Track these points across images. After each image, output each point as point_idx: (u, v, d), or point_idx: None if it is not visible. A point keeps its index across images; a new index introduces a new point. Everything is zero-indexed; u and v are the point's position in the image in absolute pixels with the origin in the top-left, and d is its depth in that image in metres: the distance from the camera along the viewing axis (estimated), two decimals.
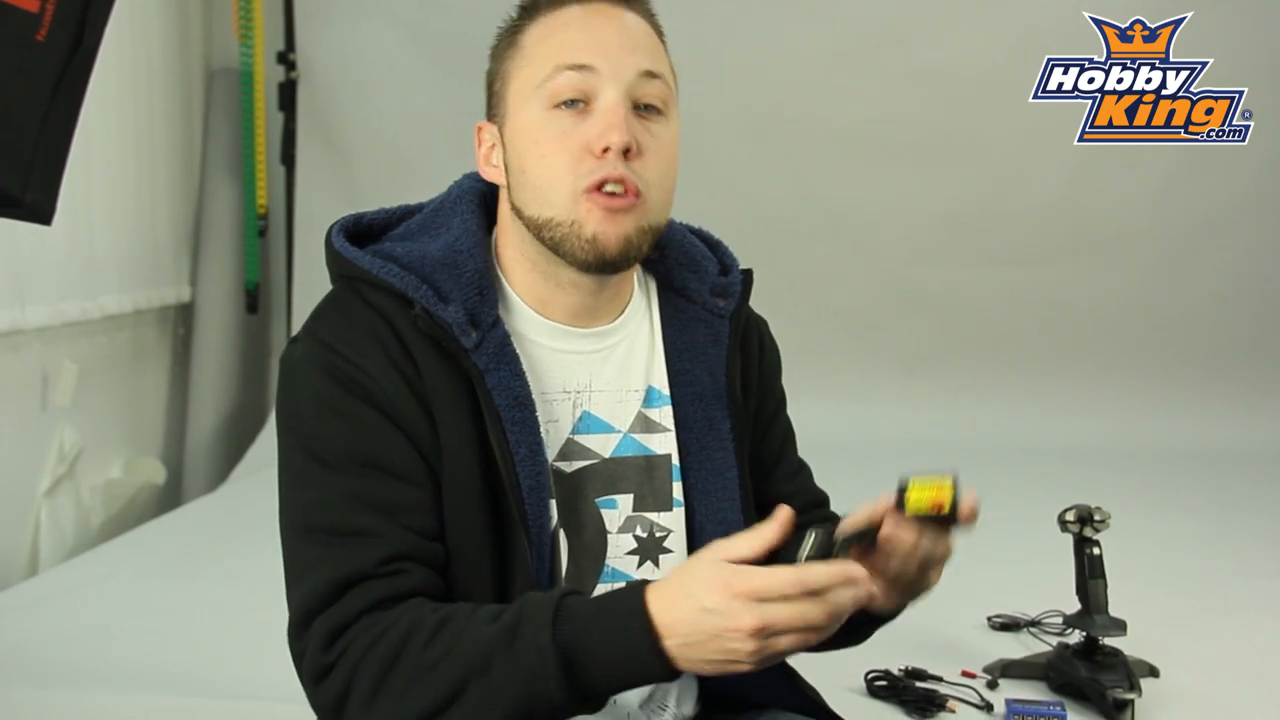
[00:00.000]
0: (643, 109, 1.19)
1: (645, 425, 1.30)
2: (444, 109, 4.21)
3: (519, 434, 1.18)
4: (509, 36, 1.23)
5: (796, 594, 0.99)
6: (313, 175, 4.42)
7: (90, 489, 3.46)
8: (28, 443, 3.20)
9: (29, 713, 2.02)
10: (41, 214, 1.65)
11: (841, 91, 4.41)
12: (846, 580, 1.01)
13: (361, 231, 1.29)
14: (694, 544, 1.29)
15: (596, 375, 1.28)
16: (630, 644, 1.01)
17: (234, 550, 2.97)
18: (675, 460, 1.31)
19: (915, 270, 4.56)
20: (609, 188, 1.16)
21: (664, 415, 1.31)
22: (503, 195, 1.25)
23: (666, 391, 1.31)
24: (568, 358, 1.26)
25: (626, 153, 1.16)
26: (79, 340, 3.46)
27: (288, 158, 4.44)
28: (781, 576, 1.00)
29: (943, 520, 1.08)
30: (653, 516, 1.29)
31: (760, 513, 1.36)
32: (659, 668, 1.02)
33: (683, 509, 1.30)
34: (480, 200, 1.30)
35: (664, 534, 1.29)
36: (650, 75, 1.19)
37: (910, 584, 1.14)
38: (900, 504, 1.09)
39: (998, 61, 4.29)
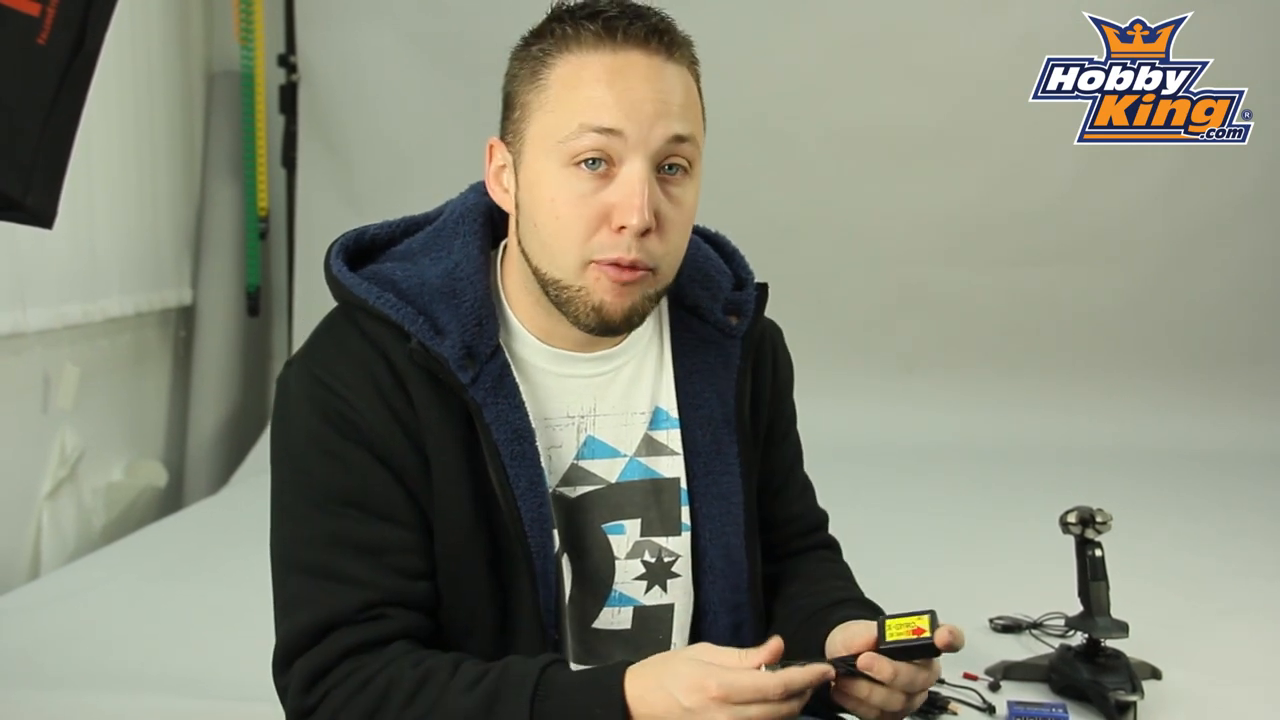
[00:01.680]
0: (666, 170, 1.14)
1: (652, 448, 1.28)
2: (445, 111, 4.21)
3: (519, 467, 1.16)
4: (532, 63, 1.15)
5: (776, 697, 1.01)
6: (314, 177, 4.41)
7: (92, 492, 3.46)
8: (29, 445, 3.20)
9: (31, 715, 2.02)
10: (43, 217, 1.66)
11: (841, 92, 4.40)
12: (822, 680, 1.03)
13: (364, 247, 1.26)
14: (697, 569, 1.29)
15: (601, 399, 1.25)
16: None
17: (235, 553, 2.97)
18: (683, 484, 1.29)
19: (915, 271, 4.55)
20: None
21: (671, 438, 1.29)
22: (512, 222, 1.22)
23: (675, 414, 1.29)
24: (571, 382, 1.24)
25: (645, 232, 1.12)
26: (80, 343, 3.46)
27: (289, 160, 4.44)
28: (762, 682, 1.01)
29: (923, 647, 1.07)
30: (661, 541, 1.27)
31: (765, 531, 1.36)
32: None
33: (690, 533, 1.29)
34: (485, 218, 1.26)
35: (672, 559, 1.28)
36: (679, 139, 1.13)
37: (896, 713, 1.11)
38: (880, 638, 1.08)
39: (998, 63, 4.28)
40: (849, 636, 1.10)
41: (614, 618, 1.26)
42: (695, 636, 1.29)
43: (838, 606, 1.26)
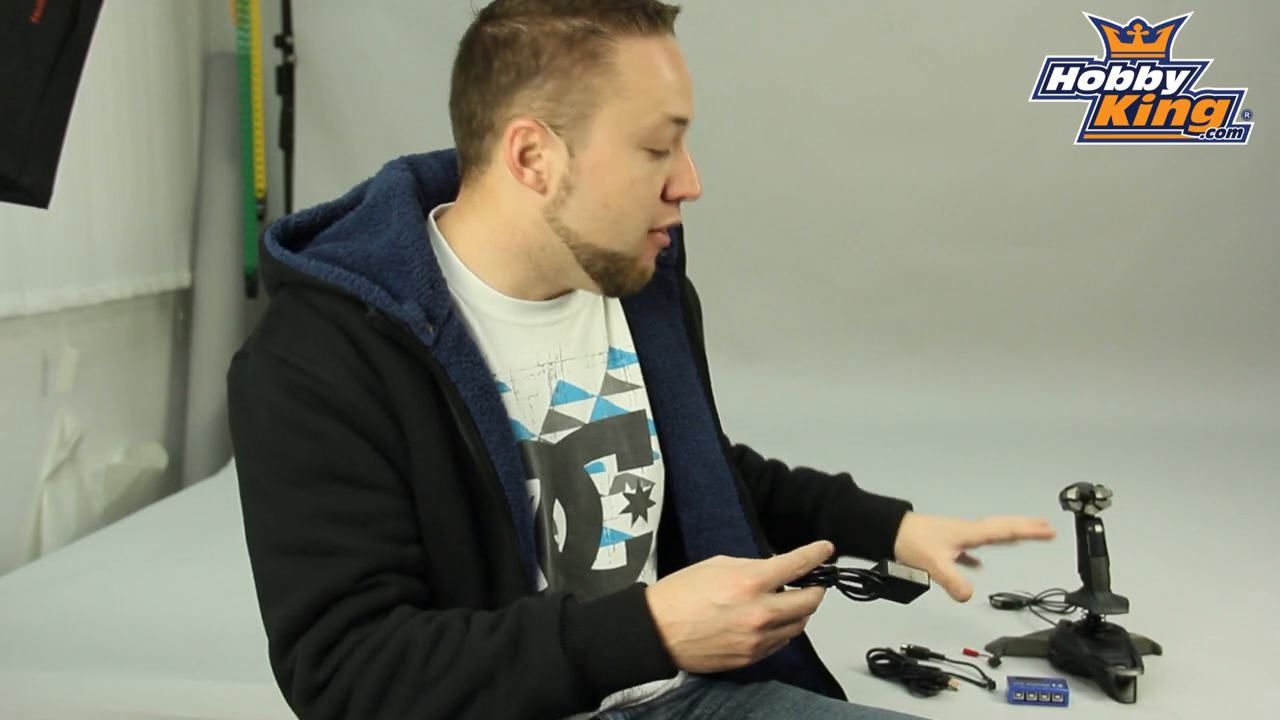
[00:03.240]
0: None
1: (614, 386, 1.33)
2: (442, 91, 4.07)
3: (489, 422, 1.18)
4: (588, 43, 1.17)
5: (801, 571, 1.07)
6: (311, 159, 4.40)
7: (92, 474, 3.46)
8: (29, 428, 3.20)
9: (32, 694, 2.02)
10: (38, 196, 1.65)
11: (841, 71, 4.38)
12: (828, 554, 1.11)
13: (290, 235, 1.26)
14: (680, 490, 1.35)
15: (564, 344, 1.30)
16: (637, 645, 1.05)
17: (235, 533, 2.92)
18: (649, 414, 1.35)
19: (915, 250, 4.55)
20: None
21: (630, 374, 1.35)
22: (511, 195, 1.22)
23: (630, 349, 1.35)
24: (537, 331, 1.28)
25: None
26: (79, 325, 3.46)
27: (286, 142, 4.42)
28: (786, 560, 1.07)
29: (916, 587, 1.16)
30: (637, 472, 1.32)
31: None
32: (661, 666, 1.06)
33: (660, 461, 1.35)
34: (415, 191, 1.28)
35: (649, 487, 1.33)
36: None
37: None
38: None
39: (998, 41, 4.28)
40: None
41: (611, 556, 1.29)
42: (693, 555, 1.33)
43: (819, 508, 1.57)
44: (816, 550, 1.09)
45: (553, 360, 1.28)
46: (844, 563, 1.15)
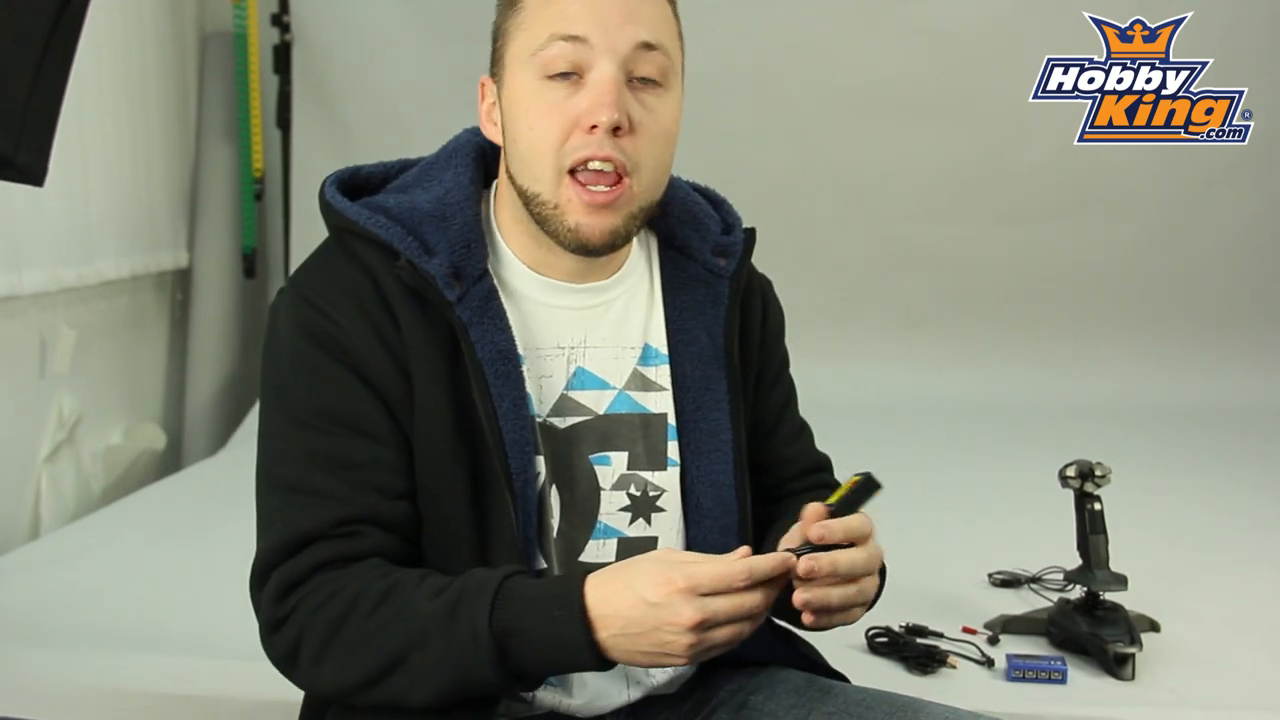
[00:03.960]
0: (639, 81, 1.17)
1: (641, 383, 1.29)
2: (439, 69, 4.17)
3: (502, 387, 1.17)
4: None
5: (742, 584, 1.01)
6: (308, 138, 4.39)
7: (90, 455, 3.46)
8: (27, 409, 3.19)
9: (31, 673, 2.02)
10: (33, 175, 1.64)
11: (842, 49, 4.37)
12: (784, 569, 1.04)
13: (359, 184, 1.29)
14: (687, 503, 1.30)
15: (592, 331, 1.27)
16: (564, 633, 1.03)
17: (234, 513, 2.93)
18: (671, 420, 1.30)
19: (915, 228, 4.54)
20: (594, 165, 1.15)
21: (660, 374, 1.30)
22: (503, 154, 1.24)
23: (664, 350, 1.31)
24: (562, 313, 1.26)
25: (616, 130, 1.14)
26: (76, 306, 3.45)
27: (283, 121, 4.40)
28: (726, 569, 1.02)
29: (864, 486, 1.14)
30: (647, 475, 1.28)
31: (760, 475, 1.38)
32: (591, 658, 1.04)
33: (678, 469, 1.30)
34: (477, 154, 1.29)
35: (657, 493, 1.29)
36: (648, 47, 1.16)
37: (849, 605, 1.10)
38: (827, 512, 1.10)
39: (999, 19, 4.27)
40: (801, 524, 1.11)
41: (600, 550, 1.27)
42: None
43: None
44: (765, 565, 1.02)
45: (575, 345, 1.26)
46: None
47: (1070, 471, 2.08)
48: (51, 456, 3.22)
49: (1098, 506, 2.07)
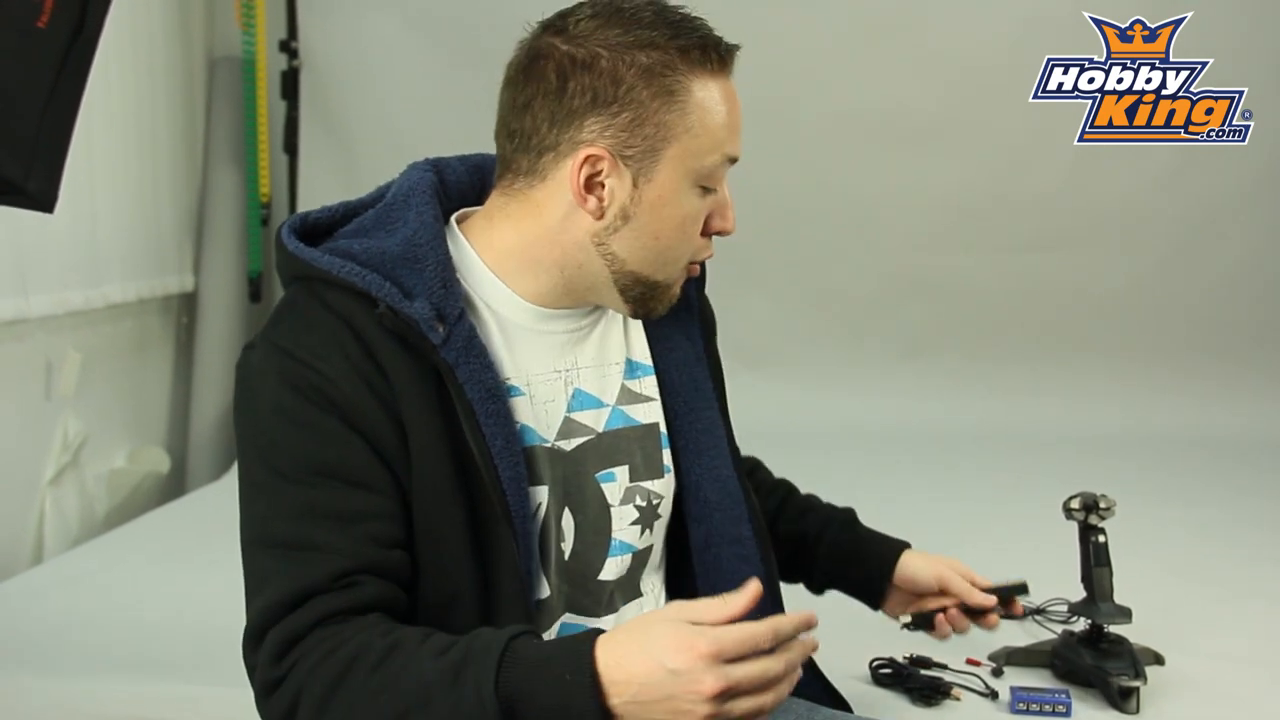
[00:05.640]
0: None
1: (629, 397, 1.33)
2: (447, 96, 4.19)
3: (494, 425, 1.17)
4: (666, 79, 1.19)
5: (766, 644, 0.98)
6: (315, 163, 4.41)
7: (94, 478, 3.46)
8: (32, 432, 3.20)
9: (34, 700, 2.02)
10: (44, 202, 1.65)
11: (845, 77, 4.39)
12: (807, 627, 1.02)
13: (308, 230, 1.26)
14: (690, 505, 1.35)
15: (580, 353, 1.30)
16: (574, 699, 0.99)
17: (237, 538, 2.96)
18: (663, 428, 1.35)
19: (919, 256, 4.54)
20: None
21: (646, 385, 1.35)
22: (560, 213, 1.22)
23: (647, 362, 1.36)
24: (553, 338, 1.28)
25: None
26: (82, 329, 3.46)
27: (290, 146, 4.42)
28: (750, 631, 0.98)
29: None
30: (647, 485, 1.32)
31: None
32: None
33: (671, 474, 1.35)
34: (434, 191, 1.27)
35: (658, 500, 1.33)
36: None
37: None
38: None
39: (1003, 48, 4.28)
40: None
41: (618, 566, 1.29)
42: (700, 571, 1.35)
43: (821, 536, 1.58)
44: (790, 624, 1.00)
45: (569, 367, 1.28)
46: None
47: (1074, 504, 2.08)
48: (56, 479, 3.22)
49: (1102, 539, 2.06)
